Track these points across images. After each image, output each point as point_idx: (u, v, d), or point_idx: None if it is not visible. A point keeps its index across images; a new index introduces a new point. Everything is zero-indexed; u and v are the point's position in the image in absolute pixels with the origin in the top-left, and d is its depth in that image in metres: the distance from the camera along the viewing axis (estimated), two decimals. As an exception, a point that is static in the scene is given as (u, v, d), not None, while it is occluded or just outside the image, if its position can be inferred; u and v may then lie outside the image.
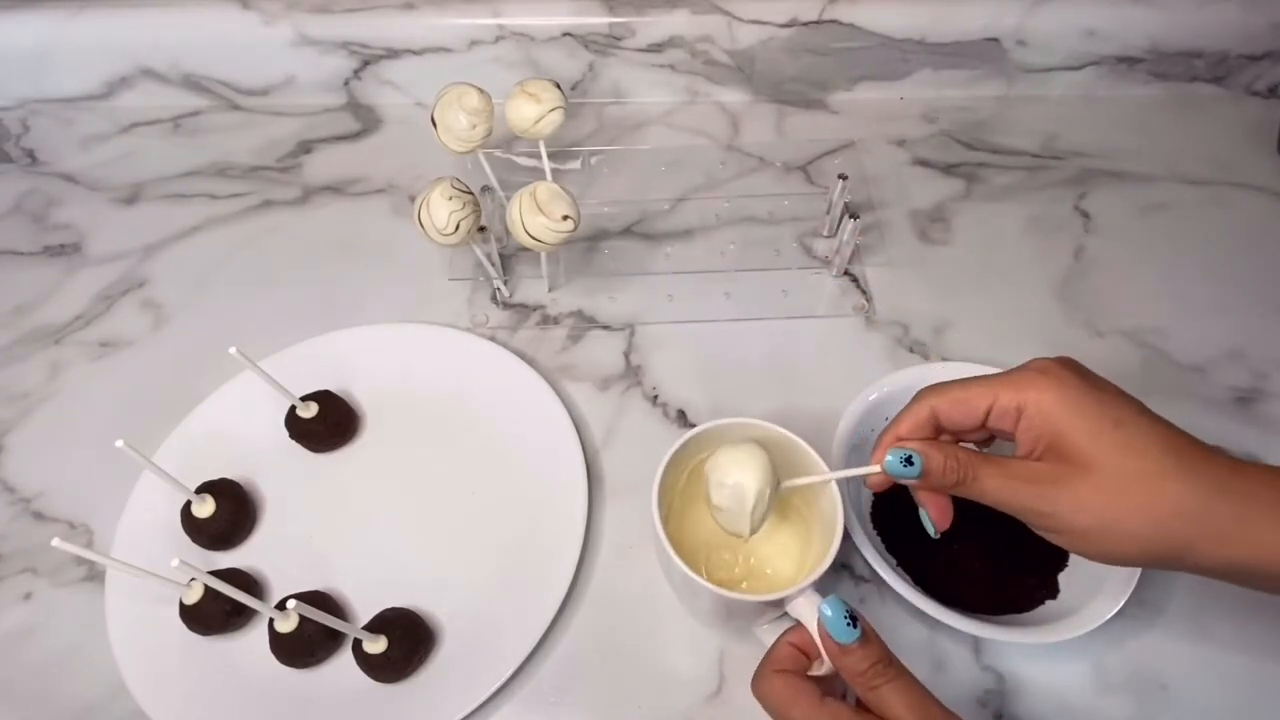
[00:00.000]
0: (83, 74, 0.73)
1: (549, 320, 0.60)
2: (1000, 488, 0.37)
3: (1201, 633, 0.47)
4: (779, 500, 0.48)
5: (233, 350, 0.46)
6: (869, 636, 0.37)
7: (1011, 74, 0.74)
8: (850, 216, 0.58)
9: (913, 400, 0.41)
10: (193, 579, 0.44)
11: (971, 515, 0.50)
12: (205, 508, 0.49)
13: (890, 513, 0.50)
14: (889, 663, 0.36)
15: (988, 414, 0.38)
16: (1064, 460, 0.36)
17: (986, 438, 0.42)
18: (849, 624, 0.36)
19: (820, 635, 0.37)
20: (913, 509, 0.51)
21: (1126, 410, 0.37)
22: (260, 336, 0.55)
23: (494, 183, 0.61)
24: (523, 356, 0.56)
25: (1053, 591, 0.47)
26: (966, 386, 0.39)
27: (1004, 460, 0.38)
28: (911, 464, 0.38)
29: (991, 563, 0.48)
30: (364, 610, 0.47)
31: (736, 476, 0.41)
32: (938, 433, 0.41)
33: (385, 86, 0.74)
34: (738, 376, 0.57)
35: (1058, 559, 0.48)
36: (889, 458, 0.39)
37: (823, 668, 0.41)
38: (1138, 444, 0.36)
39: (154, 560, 0.44)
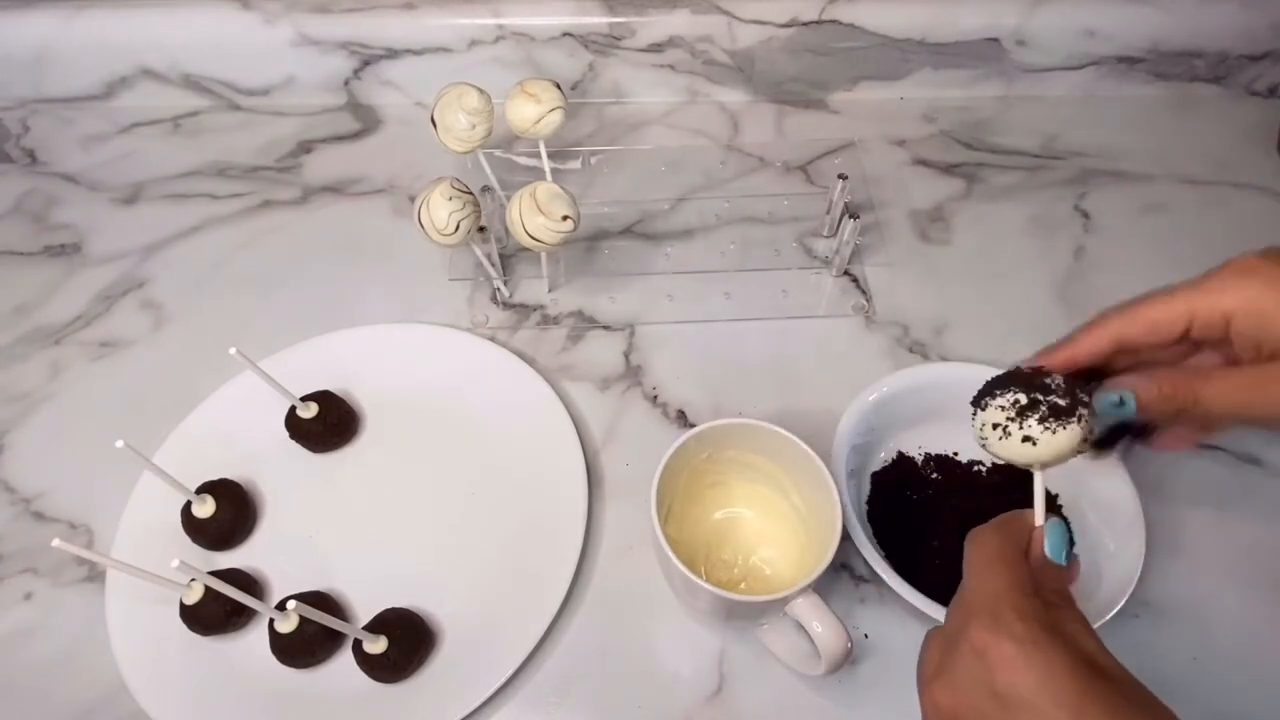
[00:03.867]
0: (83, 74, 0.73)
1: (549, 320, 0.60)
2: (1232, 402, 0.36)
3: (1202, 633, 0.47)
4: (777, 500, 0.48)
5: (233, 350, 0.46)
6: (1074, 569, 0.36)
7: (1011, 74, 0.74)
8: (850, 216, 0.58)
9: (1089, 325, 0.39)
10: (193, 579, 0.44)
11: (971, 514, 0.50)
12: (205, 508, 0.49)
13: (889, 512, 0.50)
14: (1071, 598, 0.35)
15: (1185, 332, 0.36)
16: None
17: (1184, 353, 0.39)
18: (1067, 549, 0.35)
19: (1034, 540, 0.36)
20: (911, 508, 0.51)
21: None
22: (260, 336, 0.56)
23: (494, 183, 0.61)
24: (523, 356, 0.56)
25: None
26: (1154, 305, 0.37)
27: (1225, 372, 0.36)
28: (1123, 404, 0.37)
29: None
30: (364, 610, 0.47)
31: None
32: (1115, 355, 0.38)
33: (385, 86, 0.74)
34: (738, 376, 0.57)
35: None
36: (1100, 402, 0.36)
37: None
38: None
39: (154, 560, 0.44)
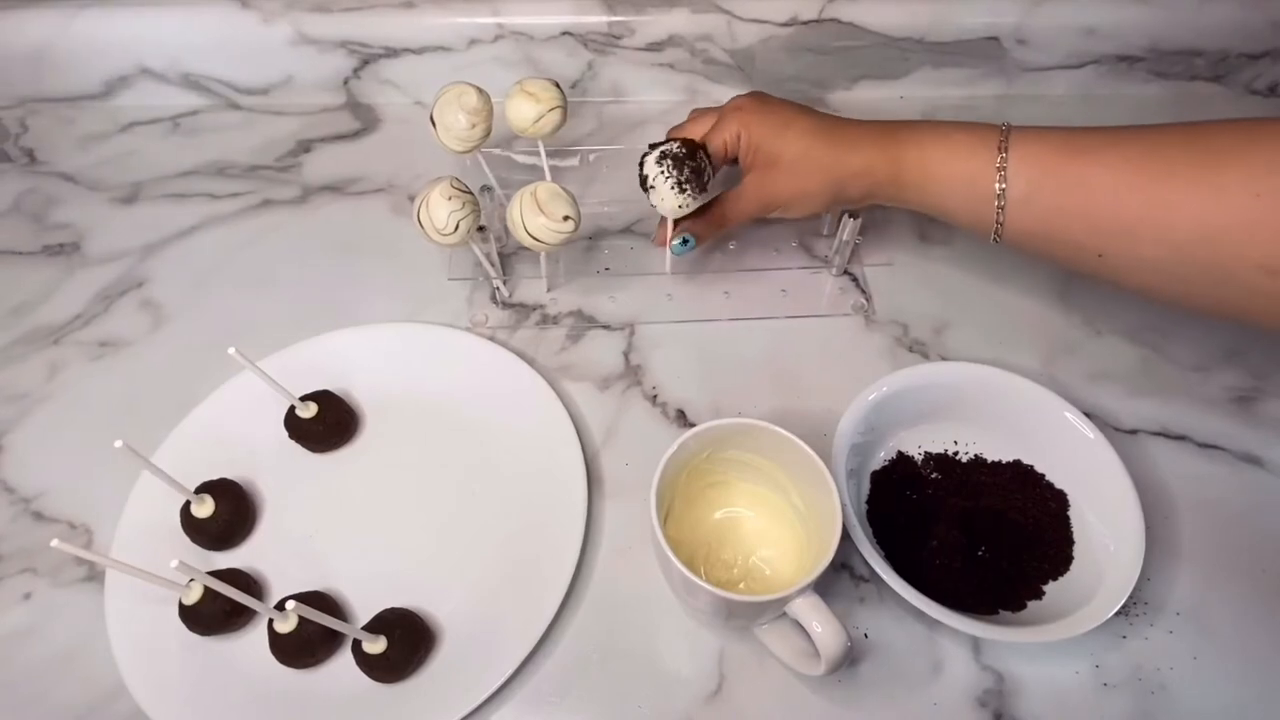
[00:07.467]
0: (82, 73, 0.72)
1: (549, 320, 0.60)
2: (741, 209, 0.56)
3: (1201, 633, 0.47)
4: (777, 500, 0.48)
5: (232, 350, 0.46)
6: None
7: (1011, 73, 0.74)
8: (850, 216, 0.58)
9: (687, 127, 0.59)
10: (192, 579, 0.44)
11: (971, 513, 0.50)
12: (205, 508, 0.49)
13: (889, 512, 0.50)
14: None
15: (725, 147, 0.55)
16: (766, 163, 0.54)
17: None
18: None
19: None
20: (911, 508, 0.51)
21: (791, 115, 0.55)
22: (260, 336, 0.55)
23: (494, 182, 0.61)
24: (522, 356, 0.56)
25: (1052, 575, 0.48)
26: (708, 137, 0.55)
27: (734, 193, 0.56)
28: (687, 243, 0.57)
29: (991, 562, 0.48)
30: (364, 610, 0.47)
31: None
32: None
33: (385, 86, 0.74)
34: (737, 376, 0.57)
35: (1060, 556, 0.49)
36: (674, 246, 0.57)
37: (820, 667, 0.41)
38: (800, 136, 0.54)
39: (154, 560, 0.44)
